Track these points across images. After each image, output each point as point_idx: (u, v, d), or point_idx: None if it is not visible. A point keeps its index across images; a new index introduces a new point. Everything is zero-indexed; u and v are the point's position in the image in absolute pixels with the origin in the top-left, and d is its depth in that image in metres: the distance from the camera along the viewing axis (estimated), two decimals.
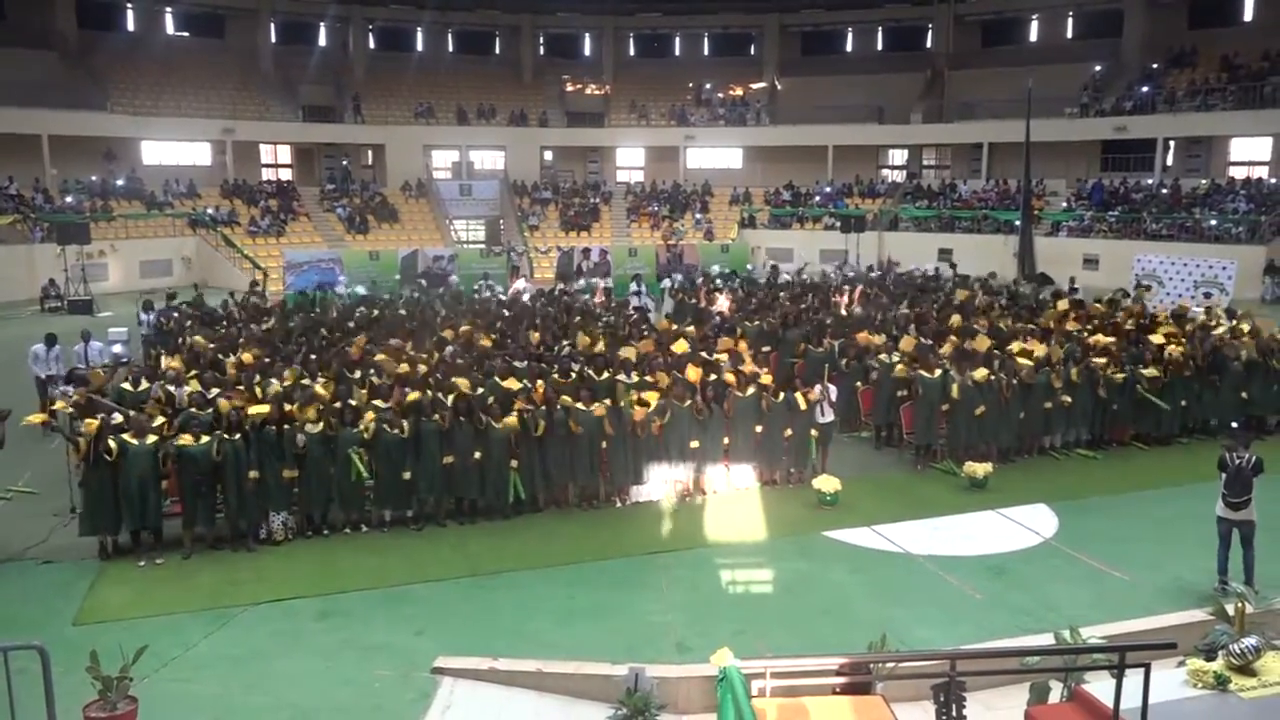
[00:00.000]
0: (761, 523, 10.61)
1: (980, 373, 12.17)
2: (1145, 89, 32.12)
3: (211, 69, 35.38)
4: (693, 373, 11.80)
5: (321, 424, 9.99)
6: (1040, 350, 13.13)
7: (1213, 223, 27.98)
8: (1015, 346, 13.41)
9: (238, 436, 9.57)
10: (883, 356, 13.22)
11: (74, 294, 25.16)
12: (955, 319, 15.31)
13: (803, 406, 11.46)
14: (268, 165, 37.61)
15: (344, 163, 37.37)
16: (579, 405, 10.70)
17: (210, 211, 31.28)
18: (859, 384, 13.35)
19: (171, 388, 11.20)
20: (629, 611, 8.45)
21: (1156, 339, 13.87)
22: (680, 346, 12.39)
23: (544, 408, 10.61)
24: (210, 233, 30.57)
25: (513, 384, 11.21)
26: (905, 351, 13.10)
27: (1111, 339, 14.03)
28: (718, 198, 36.81)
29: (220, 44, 36.92)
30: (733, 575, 9.31)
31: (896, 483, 11.91)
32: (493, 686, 7.11)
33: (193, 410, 10.20)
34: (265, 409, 9.84)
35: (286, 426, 9.83)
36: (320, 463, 9.93)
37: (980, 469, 11.46)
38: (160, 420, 9.90)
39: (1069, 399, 12.57)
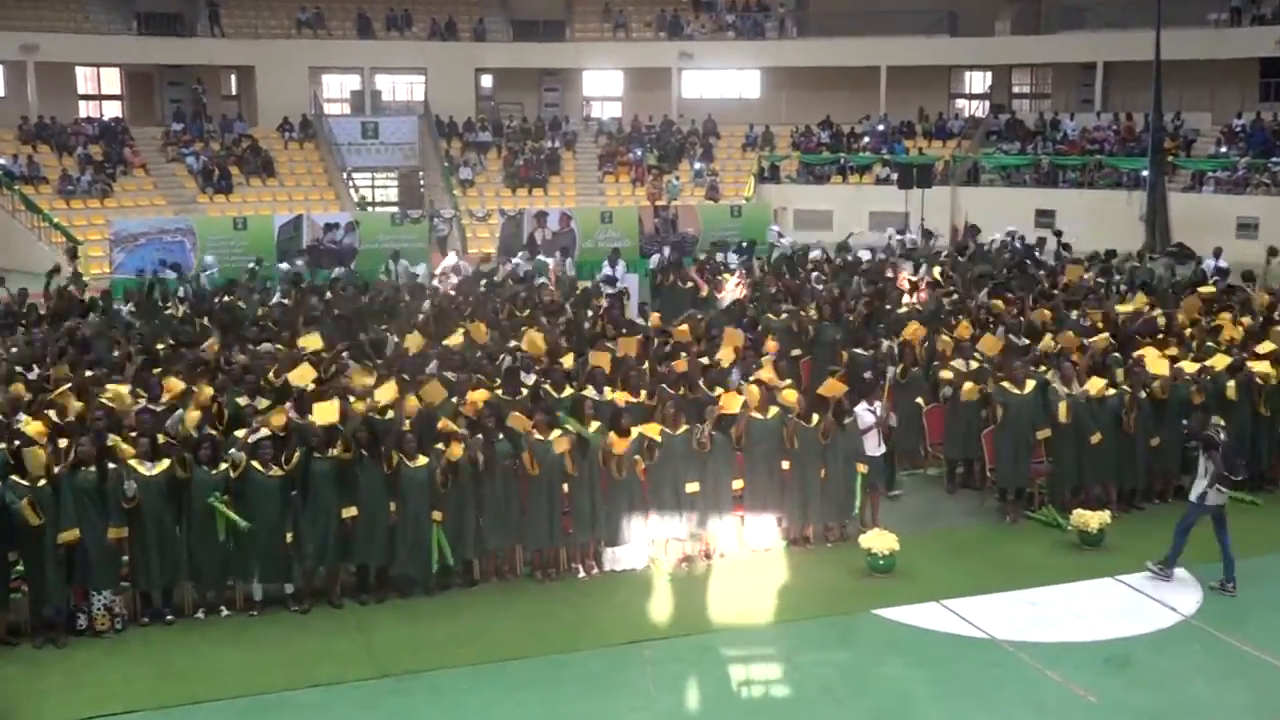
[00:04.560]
0: (788, 597, 10.63)
1: (1095, 384, 12.24)
2: None
3: None
4: (732, 401, 11.43)
5: (165, 463, 9.96)
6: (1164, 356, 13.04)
7: None
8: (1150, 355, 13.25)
9: (42, 483, 9.49)
10: (957, 364, 13.30)
11: None
12: (1045, 313, 15.43)
13: (822, 441, 11.53)
14: (87, 97, 37.45)
15: (198, 90, 37.25)
16: (536, 435, 10.72)
17: (4, 163, 31.10)
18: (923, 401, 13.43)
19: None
20: None
21: None
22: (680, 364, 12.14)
23: (480, 435, 10.63)
24: (4, 192, 30.38)
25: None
26: (987, 355, 13.14)
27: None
28: (726, 140, 36.99)
29: None
30: (747, 672, 9.35)
31: (977, 540, 11.98)
32: None
33: None
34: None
35: (111, 467, 9.77)
36: (161, 519, 9.86)
37: (1094, 519, 11.53)
38: None
39: (1220, 420, 12.65)
